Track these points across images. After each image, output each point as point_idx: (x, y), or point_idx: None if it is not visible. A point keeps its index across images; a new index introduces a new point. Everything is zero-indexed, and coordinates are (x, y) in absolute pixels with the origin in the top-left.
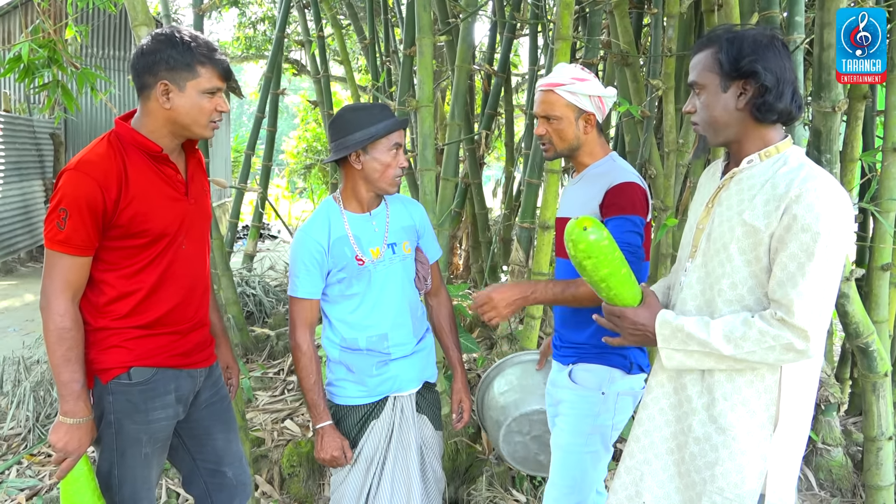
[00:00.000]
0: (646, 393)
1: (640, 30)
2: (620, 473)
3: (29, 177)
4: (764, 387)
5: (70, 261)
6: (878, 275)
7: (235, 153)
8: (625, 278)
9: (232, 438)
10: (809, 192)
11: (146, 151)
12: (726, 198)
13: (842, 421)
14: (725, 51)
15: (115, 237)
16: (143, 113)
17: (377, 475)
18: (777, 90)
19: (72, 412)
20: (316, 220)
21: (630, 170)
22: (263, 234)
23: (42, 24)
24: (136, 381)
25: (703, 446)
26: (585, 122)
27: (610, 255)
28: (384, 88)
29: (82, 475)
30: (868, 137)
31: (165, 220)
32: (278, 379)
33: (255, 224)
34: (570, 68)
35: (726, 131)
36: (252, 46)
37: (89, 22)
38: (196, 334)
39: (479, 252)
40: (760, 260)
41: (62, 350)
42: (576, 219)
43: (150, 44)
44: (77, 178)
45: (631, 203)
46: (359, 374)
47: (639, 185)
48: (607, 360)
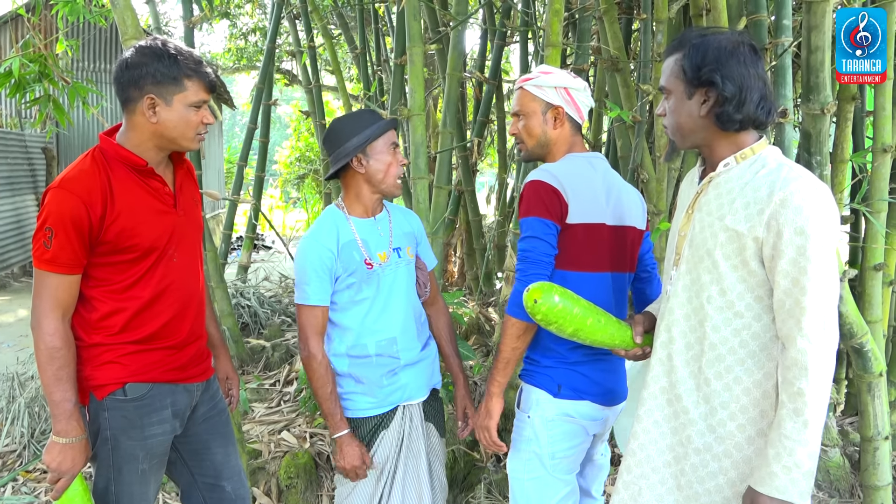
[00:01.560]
0: (639, 406)
1: (630, 35)
2: (619, 489)
3: (21, 191)
4: (762, 393)
5: (58, 279)
6: (870, 275)
7: (228, 164)
8: (595, 327)
9: (230, 452)
10: (794, 195)
11: (131, 166)
12: (706, 203)
13: (838, 421)
14: (689, 57)
15: (103, 253)
16: (129, 127)
17: (388, 485)
18: (738, 99)
19: (64, 431)
20: (322, 227)
21: (552, 168)
22: (257, 245)
23: (32, 39)
24: (132, 397)
25: (704, 457)
26: (554, 117)
27: (568, 315)
28: (376, 98)
29: (77, 495)
30: (858, 138)
31: (154, 233)
32: (274, 390)
33: (249, 235)
34: (544, 66)
35: (693, 137)
36: (243, 57)
37: (80, 36)
38: (191, 348)
39: (474, 259)
40: (747, 264)
41: (53, 369)
42: (527, 290)
43: (134, 57)
44: (61, 195)
45: (527, 205)
46: (368, 385)
47: (542, 181)
48: (532, 378)
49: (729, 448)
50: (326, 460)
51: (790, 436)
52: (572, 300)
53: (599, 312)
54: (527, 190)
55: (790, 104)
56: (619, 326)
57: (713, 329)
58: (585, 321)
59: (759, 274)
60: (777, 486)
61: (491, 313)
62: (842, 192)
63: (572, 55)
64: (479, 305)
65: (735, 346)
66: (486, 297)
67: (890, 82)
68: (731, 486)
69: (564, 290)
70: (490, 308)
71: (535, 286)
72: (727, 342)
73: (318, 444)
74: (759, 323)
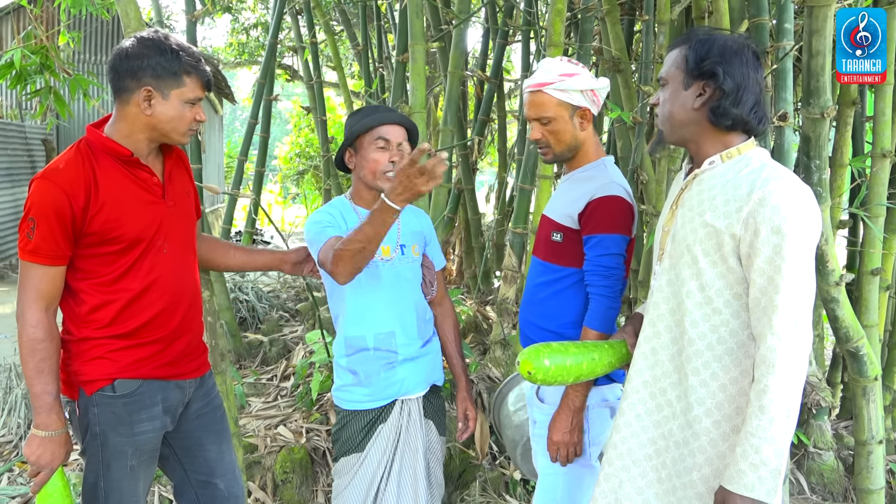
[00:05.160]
0: (622, 399)
1: (632, 36)
2: (600, 481)
3: (20, 183)
4: (738, 390)
5: (41, 271)
6: (867, 279)
7: (228, 159)
8: (592, 366)
9: (224, 450)
10: (773, 194)
11: (116, 156)
12: (688, 199)
13: (833, 425)
14: (694, 49)
15: (88, 245)
16: (119, 117)
17: (385, 479)
18: (735, 96)
19: (44, 424)
20: (329, 207)
21: (619, 180)
22: (256, 240)
23: (34, 31)
24: (121, 394)
25: (682, 451)
26: (581, 118)
27: (564, 370)
28: (377, 94)
29: (56, 490)
30: (858, 143)
31: (140, 224)
32: (271, 385)
33: (249, 230)
34: (557, 64)
35: (682, 130)
36: (245, 52)
37: (82, 28)
38: (181, 341)
39: (473, 257)
40: (726, 260)
41: (34, 361)
42: (518, 363)
43: (135, 47)
44: (44, 186)
45: (612, 221)
46: (365, 377)
47: (625, 199)
48: None
49: (704, 444)
50: (322, 455)
51: (755, 433)
52: (562, 353)
53: (590, 349)
54: (610, 205)
55: (790, 108)
56: (612, 351)
57: (692, 324)
58: (581, 367)
59: (737, 271)
60: (745, 483)
61: (489, 311)
62: (840, 197)
63: (574, 55)
64: (477, 304)
65: (713, 343)
66: (485, 296)
67: (890, 87)
68: (705, 482)
69: (550, 347)
70: (488, 306)
71: (524, 358)
72: (705, 338)
73: (314, 439)
74: (737, 320)
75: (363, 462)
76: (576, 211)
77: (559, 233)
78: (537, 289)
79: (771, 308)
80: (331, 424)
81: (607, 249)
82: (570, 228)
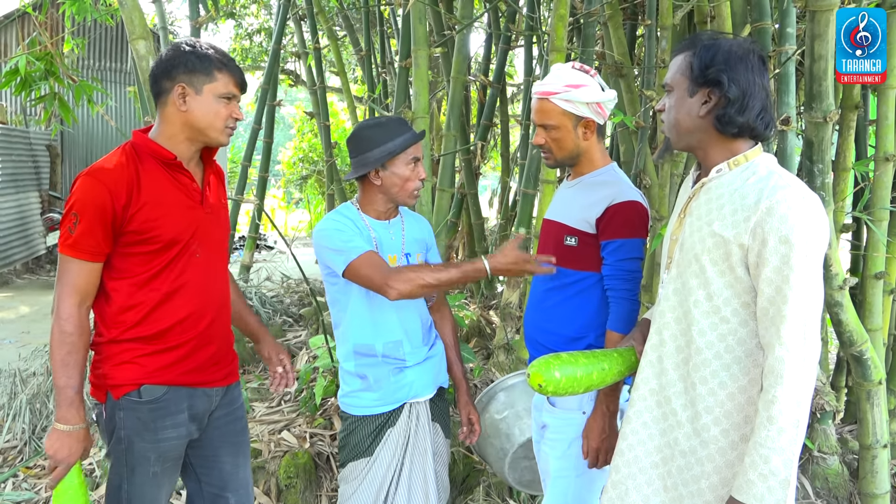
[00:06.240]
0: (629, 407)
1: (634, 41)
2: (607, 488)
3: (25, 188)
4: (746, 399)
5: (78, 265)
6: (871, 283)
7: (232, 164)
8: (602, 375)
9: (241, 463)
10: (780, 203)
11: (160, 159)
12: (696, 208)
13: (837, 429)
14: (699, 56)
15: (126, 243)
16: (161, 120)
17: (394, 483)
18: (740, 104)
19: (64, 419)
20: (340, 216)
21: (632, 185)
22: (260, 245)
23: (39, 37)
24: (147, 399)
25: (689, 460)
26: (584, 128)
27: (574, 381)
28: (380, 100)
29: (72, 487)
30: (861, 147)
31: (178, 226)
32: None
33: (252, 235)
34: (566, 73)
35: (688, 137)
36: (248, 58)
37: (87, 35)
38: (210, 348)
39: None
40: (733, 270)
41: (61, 354)
42: (529, 375)
43: (168, 52)
44: (88, 182)
45: (632, 226)
46: (375, 381)
47: (642, 204)
48: None
49: (712, 452)
50: (326, 461)
51: (765, 444)
52: (572, 364)
53: (600, 359)
54: (629, 210)
55: (793, 112)
56: (622, 359)
57: (699, 333)
58: (592, 377)
59: (745, 280)
60: (755, 493)
61: (492, 316)
62: (844, 201)
63: (576, 60)
64: (480, 308)
65: (721, 351)
66: (488, 300)
67: (893, 91)
68: (713, 491)
69: (560, 358)
70: (491, 311)
71: (534, 371)
72: (713, 346)
73: (317, 444)
74: (745, 329)
75: (372, 466)
76: (594, 216)
77: (574, 237)
78: (547, 294)
79: (779, 318)
80: (334, 429)
81: (629, 253)
82: (587, 233)
